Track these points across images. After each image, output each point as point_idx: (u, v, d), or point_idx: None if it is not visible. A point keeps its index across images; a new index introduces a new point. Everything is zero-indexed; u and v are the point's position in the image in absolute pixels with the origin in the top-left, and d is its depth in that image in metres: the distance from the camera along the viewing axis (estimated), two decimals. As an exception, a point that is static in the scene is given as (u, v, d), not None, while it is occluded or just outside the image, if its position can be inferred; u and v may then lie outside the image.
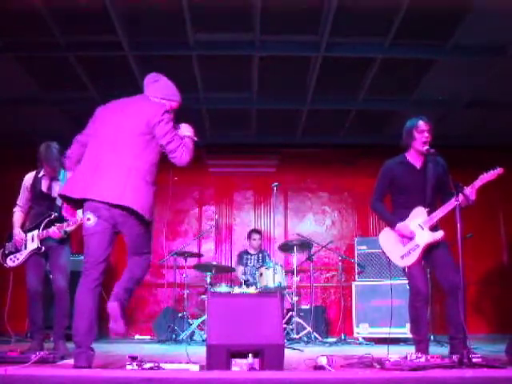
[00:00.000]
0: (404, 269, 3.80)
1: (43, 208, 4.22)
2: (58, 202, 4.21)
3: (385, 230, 3.87)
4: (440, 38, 5.06)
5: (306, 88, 6.04)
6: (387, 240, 3.82)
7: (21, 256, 4.16)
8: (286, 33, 5.07)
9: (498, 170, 3.61)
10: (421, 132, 3.76)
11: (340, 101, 6.46)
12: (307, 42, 5.19)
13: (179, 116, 7.17)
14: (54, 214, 4.17)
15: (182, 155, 3.23)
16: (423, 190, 3.75)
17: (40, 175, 4.30)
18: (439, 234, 3.67)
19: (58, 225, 4.12)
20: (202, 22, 4.85)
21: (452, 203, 3.54)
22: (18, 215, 4.31)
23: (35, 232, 4.16)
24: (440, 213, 3.66)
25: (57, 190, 4.24)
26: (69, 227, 4.13)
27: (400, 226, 3.72)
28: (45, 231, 4.13)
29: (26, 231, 4.20)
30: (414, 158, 3.86)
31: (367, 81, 5.84)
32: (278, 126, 7.26)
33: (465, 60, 5.39)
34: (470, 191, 3.56)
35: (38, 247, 4.13)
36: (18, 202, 4.35)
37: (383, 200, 3.93)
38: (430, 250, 3.70)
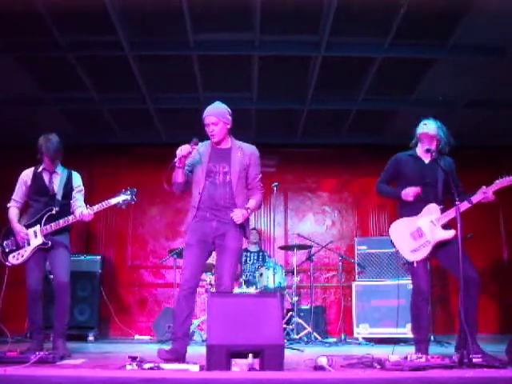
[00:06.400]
0: (406, 268, 3.81)
1: (42, 204, 4.15)
2: (59, 196, 4.19)
3: (397, 222, 3.86)
4: (440, 37, 5.06)
5: (306, 88, 6.04)
6: (398, 232, 3.81)
7: (25, 253, 4.08)
8: (286, 33, 5.08)
9: None
10: (422, 141, 3.84)
11: (340, 101, 6.45)
12: (307, 42, 5.19)
13: (179, 117, 7.20)
14: (55, 209, 4.12)
15: None
16: (434, 186, 3.77)
17: (39, 170, 4.25)
18: (451, 233, 3.67)
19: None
20: (201, 22, 4.85)
21: (465, 205, 3.59)
22: (14, 211, 4.21)
23: (37, 228, 4.09)
24: (452, 213, 3.64)
25: (57, 184, 4.22)
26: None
27: (405, 191, 3.75)
28: (48, 226, 4.06)
29: (26, 227, 4.12)
30: (423, 154, 3.88)
31: (367, 81, 5.84)
32: (278, 126, 7.26)
33: (465, 60, 5.39)
34: (484, 196, 3.65)
35: (43, 242, 4.07)
36: (13, 197, 4.25)
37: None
38: (440, 247, 3.70)
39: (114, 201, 4.09)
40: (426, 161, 3.86)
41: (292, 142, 7.66)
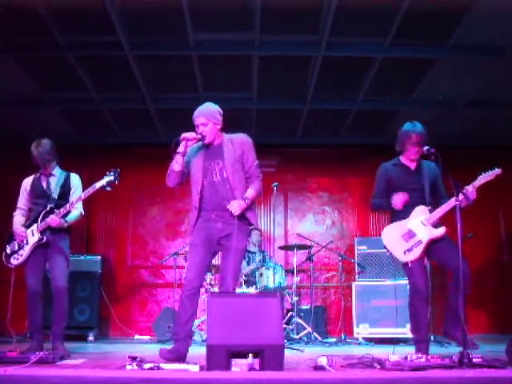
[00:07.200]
0: (404, 267, 3.85)
1: (39, 206, 4.22)
2: (54, 195, 4.24)
3: (388, 227, 3.92)
4: (440, 37, 5.06)
5: (306, 88, 6.04)
6: (390, 236, 3.86)
7: (24, 252, 4.15)
8: (286, 33, 5.07)
9: (497, 171, 3.67)
10: (412, 145, 3.81)
11: (340, 101, 6.45)
12: (307, 42, 5.18)
13: (179, 117, 7.20)
14: (50, 206, 4.17)
15: None
16: (421, 190, 3.83)
17: (38, 175, 4.33)
18: (441, 231, 3.73)
19: (56, 211, 4.10)
20: (201, 22, 4.85)
21: (452, 202, 3.60)
22: (18, 218, 4.31)
23: (34, 226, 4.16)
24: (440, 211, 3.72)
25: (53, 185, 4.27)
26: (66, 212, 4.11)
27: (394, 196, 3.76)
28: (43, 222, 4.11)
29: (25, 227, 4.20)
30: (407, 161, 3.94)
31: (367, 81, 5.83)
32: (278, 126, 7.26)
33: (465, 60, 5.39)
34: (471, 191, 3.60)
35: (39, 238, 4.11)
36: (18, 205, 4.36)
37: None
38: (433, 245, 3.76)
39: (98, 184, 4.08)
40: (412, 167, 3.92)
41: (292, 142, 7.66)
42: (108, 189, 4.08)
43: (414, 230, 3.76)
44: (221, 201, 3.53)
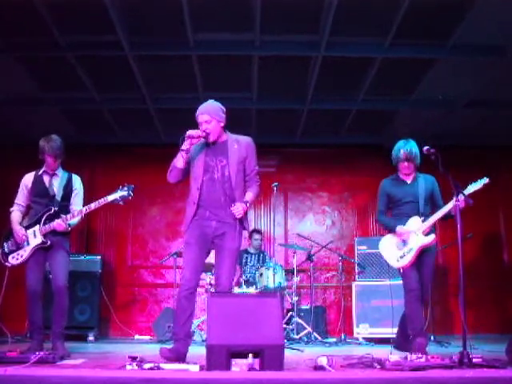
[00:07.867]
0: (399, 270, 4.14)
1: (41, 206, 4.18)
2: (58, 197, 4.21)
3: (384, 238, 4.25)
4: (440, 37, 5.06)
5: (306, 88, 6.04)
6: (385, 246, 4.22)
7: (24, 253, 4.10)
8: (286, 33, 5.07)
9: (485, 181, 3.88)
10: (401, 162, 4.13)
11: (340, 101, 6.45)
12: (307, 42, 5.18)
13: (179, 117, 7.20)
14: (54, 209, 4.14)
15: None
16: (416, 202, 4.11)
17: (40, 173, 4.28)
18: (430, 238, 4.01)
19: (62, 216, 4.07)
20: (201, 21, 4.85)
21: (442, 211, 3.91)
22: (16, 214, 4.25)
23: (36, 227, 4.11)
24: (432, 220, 3.99)
25: (56, 186, 4.24)
26: (73, 219, 4.10)
27: (399, 228, 4.08)
28: (47, 225, 4.08)
29: (26, 228, 4.15)
30: (403, 175, 4.23)
31: (367, 81, 5.83)
32: (278, 126, 7.26)
33: (465, 60, 5.39)
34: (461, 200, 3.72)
35: (42, 241, 4.08)
36: (16, 201, 4.30)
37: (386, 213, 4.32)
38: (422, 254, 4.02)
39: (111, 197, 4.07)
40: (408, 181, 4.21)
41: (292, 142, 7.66)
42: (121, 203, 4.07)
43: (406, 239, 4.06)
44: (217, 199, 3.54)
